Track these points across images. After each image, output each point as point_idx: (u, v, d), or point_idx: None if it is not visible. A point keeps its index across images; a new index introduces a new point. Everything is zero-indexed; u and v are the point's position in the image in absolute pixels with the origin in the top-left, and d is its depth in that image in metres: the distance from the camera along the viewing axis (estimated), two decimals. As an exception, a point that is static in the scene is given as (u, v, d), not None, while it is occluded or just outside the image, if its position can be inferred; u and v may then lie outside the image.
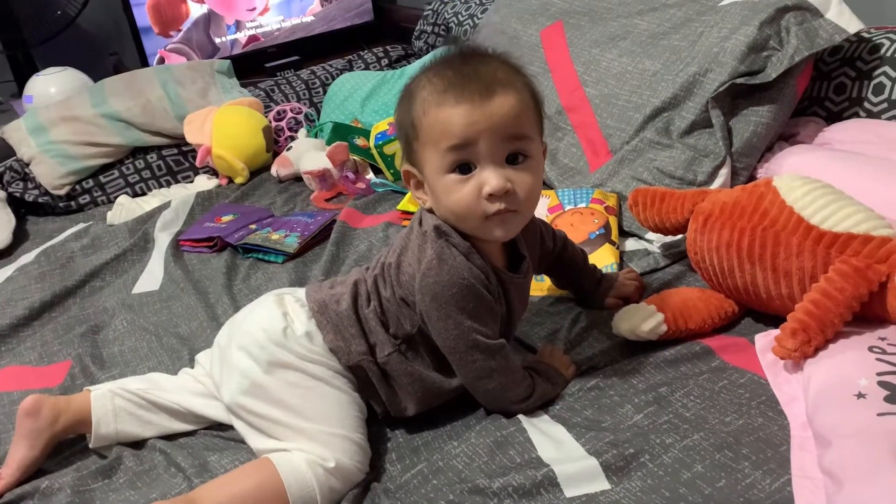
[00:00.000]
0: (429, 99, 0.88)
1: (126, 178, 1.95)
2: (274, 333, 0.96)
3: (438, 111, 0.87)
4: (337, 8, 2.80)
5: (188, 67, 2.13)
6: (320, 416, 0.92)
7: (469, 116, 0.86)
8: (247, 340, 0.96)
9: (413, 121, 0.90)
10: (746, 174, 1.34)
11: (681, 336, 1.06)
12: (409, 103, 0.91)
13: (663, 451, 0.86)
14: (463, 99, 0.86)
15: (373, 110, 2.01)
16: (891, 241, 0.95)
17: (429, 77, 0.89)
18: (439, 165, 0.88)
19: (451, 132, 0.86)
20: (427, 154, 0.89)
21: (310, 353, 0.95)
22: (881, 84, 1.35)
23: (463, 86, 0.86)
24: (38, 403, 0.99)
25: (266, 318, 0.98)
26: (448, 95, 0.86)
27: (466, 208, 0.88)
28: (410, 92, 0.91)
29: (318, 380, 0.94)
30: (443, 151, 0.87)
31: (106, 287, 1.49)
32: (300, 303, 1.00)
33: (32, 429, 0.98)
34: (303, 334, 0.96)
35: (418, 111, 0.89)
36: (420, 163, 0.91)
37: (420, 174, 0.93)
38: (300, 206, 1.75)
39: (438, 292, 0.90)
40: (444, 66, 0.90)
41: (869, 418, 0.79)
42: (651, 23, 1.54)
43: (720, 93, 1.33)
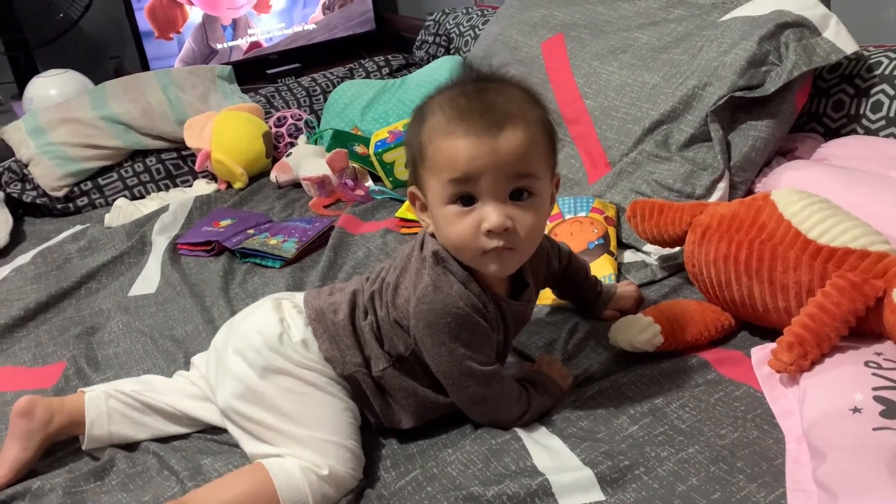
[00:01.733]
0: (437, 126, 0.86)
1: (125, 181, 1.95)
2: (270, 338, 0.95)
3: (444, 140, 0.85)
4: (339, 16, 2.81)
5: (189, 72, 2.14)
6: (314, 423, 0.92)
7: (473, 151, 0.83)
8: (243, 344, 0.96)
9: (420, 145, 0.88)
10: (744, 188, 1.35)
11: (677, 348, 1.06)
12: (418, 126, 0.89)
13: (658, 463, 0.86)
14: (470, 132, 0.83)
15: (373, 118, 2.02)
16: (888, 257, 0.95)
17: (441, 102, 0.87)
18: (440, 195, 0.87)
19: (454, 165, 0.84)
20: (430, 181, 0.88)
21: (305, 360, 0.95)
22: (879, 101, 1.36)
23: (472, 118, 0.84)
24: (32, 404, 0.98)
25: (263, 323, 0.97)
26: (456, 126, 0.84)
27: (464, 242, 0.87)
28: (422, 114, 0.89)
29: (313, 386, 0.94)
30: (445, 182, 0.85)
31: (102, 289, 1.49)
32: (297, 309, 0.99)
33: (26, 430, 0.98)
34: (299, 341, 0.95)
35: (426, 136, 0.87)
36: (424, 187, 0.90)
37: (424, 198, 0.91)
38: (298, 211, 1.75)
39: (433, 320, 0.89)
40: (458, 92, 0.87)
41: (864, 432, 0.80)
42: (651, 36, 1.55)
43: (719, 107, 1.33)
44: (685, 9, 1.56)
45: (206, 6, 2.58)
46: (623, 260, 1.34)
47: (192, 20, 2.58)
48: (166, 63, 2.53)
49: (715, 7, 1.51)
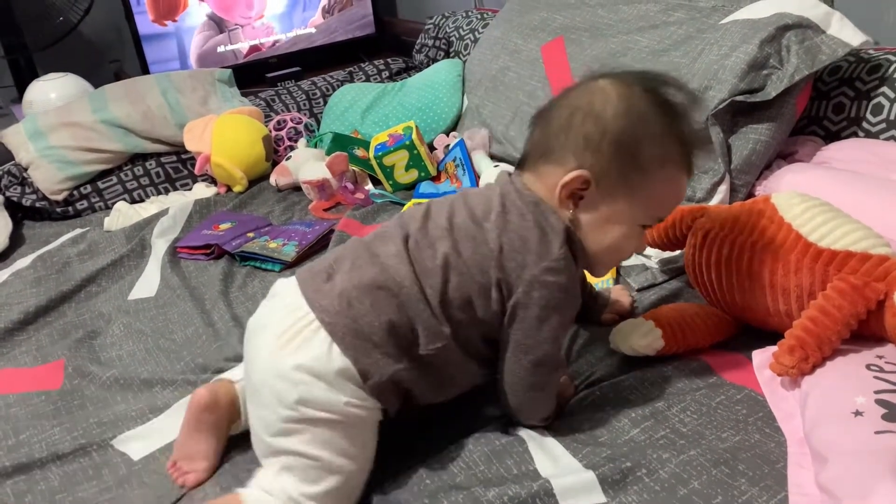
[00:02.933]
0: (683, 155, 0.89)
1: (124, 185, 1.95)
2: (288, 398, 0.83)
3: (682, 177, 0.91)
4: (339, 20, 2.82)
5: (189, 75, 2.14)
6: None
7: (683, 197, 0.94)
8: (267, 400, 0.86)
9: (645, 165, 0.87)
10: (745, 191, 1.35)
11: (678, 352, 1.06)
12: (664, 134, 0.87)
13: (660, 465, 0.85)
14: (688, 178, 0.92)
15: (373, 122, 2.02)
16: (889, 260, 0.95)
17: (676, 133, 0.88)
18: (638, 217, 0.90)
19: (671, 206, 0.93)
20: (637, 201, 0.89)
21: (344, 401, 0.84)
22: (880, 104, 1.36)
23: (693, 164, 0.91)
24: (214, 396, 0.96)
25: (277, 376, 0.85)
26: (690, 165, 0.91)
27: (628, 254, 0.95)
28: (667, 125, 0.88)
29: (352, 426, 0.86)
30: (652, 215, 0.91)
31: (102, 293, 1.49)
32: (307, 321, 0.86)
33: (214, 420, 0.96)
34: (332, 376, 0.84)
35: (655, 165, 0.87)
36: (616, 195, 0.88)
37: (596, 194, 0.88)
38: (298, 215, 1.75)
39: (553, 293, 0.86)
40: (690, 135, 0.90)
41: (866, 436, 0.79)
42: (652, 39, 1.55)
43: (720, 110, 1.33)
44: (685, 12, 1.55)
45: (220, 8, 2.59)
46: (624, 263, 1.34)
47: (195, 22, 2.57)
48: (166, 67, 2.54)
49: (715, 10, 1.51)
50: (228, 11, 2.61)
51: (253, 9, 2.64)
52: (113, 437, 1.06)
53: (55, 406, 1.14)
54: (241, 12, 2.63)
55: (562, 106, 0.91)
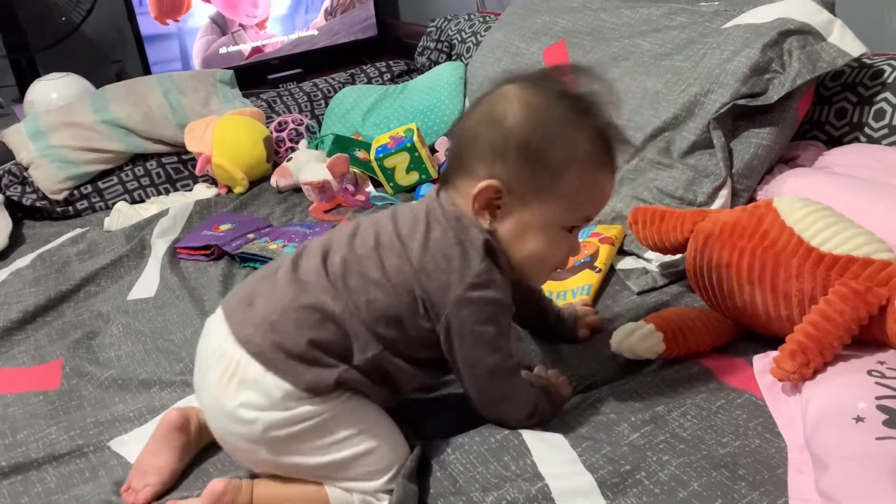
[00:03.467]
0: (590, 160, 0.86)
1: (125, 185, 1.94)
2: (251, 436, 0.85)
3: (600, 173, 0.88)
4: (341, 22, 2.82)
5: (190, 76, 2.14)
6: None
7: (611, 192, 0.91)
8: (227, 443, 0.90)
9: (557, 164, 0.84)
10: (746, 196, 1.34)
11: (679, 355, 1.05)
12: (550, 134, 0.84)
13: (660, 468, 0.85)
14: (613, 172, 0.89)
15: (374, 124, 2.02)
16: (891, 265, 0.95)
17: (585, 127, 0.85)
18: (561, 220, 0.88)
19: (598, 206, 0.90)
20: (555, 203, 0.86)
21: (302, 414, 0.84)
22: (882, 110, 1.36)
23: (615, 158, 0.89)
24: (186, 419, 0.96)
25: (229, 421, 0.86)
26: (610, 159, 0.88)
27: (557, 262, 0.92)
28: (572, 123, 0.85)
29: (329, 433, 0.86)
30: (578, 216, 0.89)
31: (101, 293, 1.49)
32: (239, 356, 0.85)
33: (183, 442, 0.96)
34: (279, 404, 0.83)
35: (569, 163, 0.84)
36: (532, 199, 0.86)
37: (512, 201, 0.86)
38: (299, 216, 1.75)
39: (482, 308, 0.85)
40: (603, 127, 0.86)
41: (867, 442, 0.79)
42: (654, 43, 1.55)
43: (721, 114, 1.33)
44: (688, 16, 1.55)
45: (225, 7, 2.59)
46: (624, 267, 1.33)
47: (197, 23, 2.57)
48: (168, 67, 2.53)
49: (718, 14, 1.51)
50: (234, 10, 2.61)
51: (258, 7, 2.64)
52: (110, 439, 1.06)
53: (53, 406, 1.14)
54: (247, 10, 2.63)
55: (471, 116, 0.90)
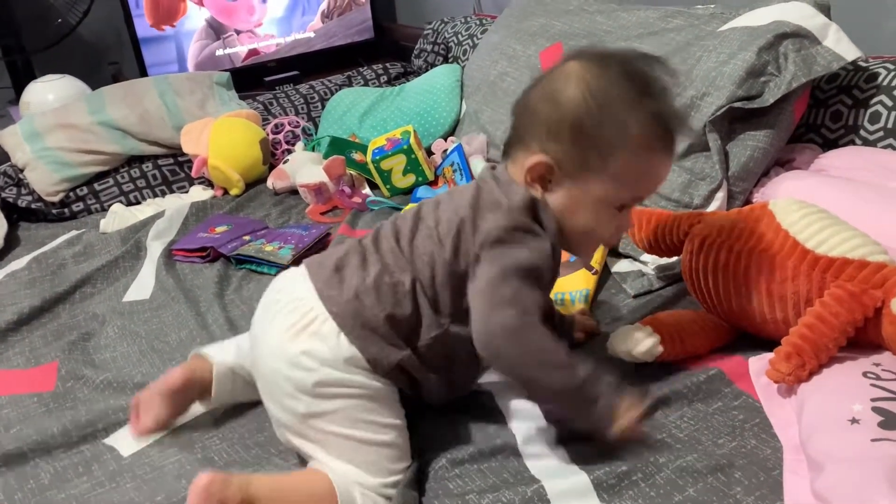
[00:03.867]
0: (644, 140, 0.86)
1: (121, 187, 1.94)
2: (303, 385, 0.87)
3: (653, 157, 0.88)
4: (338, 25, 2.82)
5: (187, 78, 2.13)
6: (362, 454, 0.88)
7: (666, 175, 0.91)
8: (276, 391, 0.90)
9: (611, 143, 0.85)
10: (743, 198, 1.34)
11: (676, 358, 1.05)
12: (607, 114, 0.85)
13: (656, 470, 0.85)
14: (670, 158, 0.89)
15: (371, 126, 2.02)
16: (886, 267, 0.95)
17: (643, 108, 0.85)
18: (613, 199, 0.89)
19: (649, 188, 0.91)
20: (606, 181, 0.87)
21: (355, 382, 0.87)
22: (877, 112, 1.36)
23: (672, 143, 0.89)
24: (189, 380, 1.02)
25: (287, 363, 0.88)
26: (666, 144, 0.88)
27: (606, 238, 0.94)
28: (609, 100, 0.85)
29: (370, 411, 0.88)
30: (630, 196, 0.90)
31: (97, 294, 1.48)
32: (316, 312, 0.88)
33: (179, 399, 1.03)
34: (341, 364, 0.87)
35: (623, 140, 0.85)
36: (583, 176, 0.87)
37: (562, 177, 0.88)
38: (295, 218, 1.74)
39: (507, 232, 0.86)
40: (663, 110, 0.87)
41: (863, 444, 0.79)
42: (650, 46, 1.54)
43: (717, 116, 1.33)
44: (684, 19, 1.56)
45: (221, 14, 2.59)
46: (620, 269, 1.33)
47: (194, 25, 2.57)
48: (165, 69, 2.53)
49: (714, 17, 1.51)
50: (230, 17, 2.61)
51: (254, 14, 2.64)
52: (106, 436, 1.06)
53: (47, 408, 1.13)
54: (242, 17, 2.63)
55: (534, 90, 0.92)
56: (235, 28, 2.64)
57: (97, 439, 1.05)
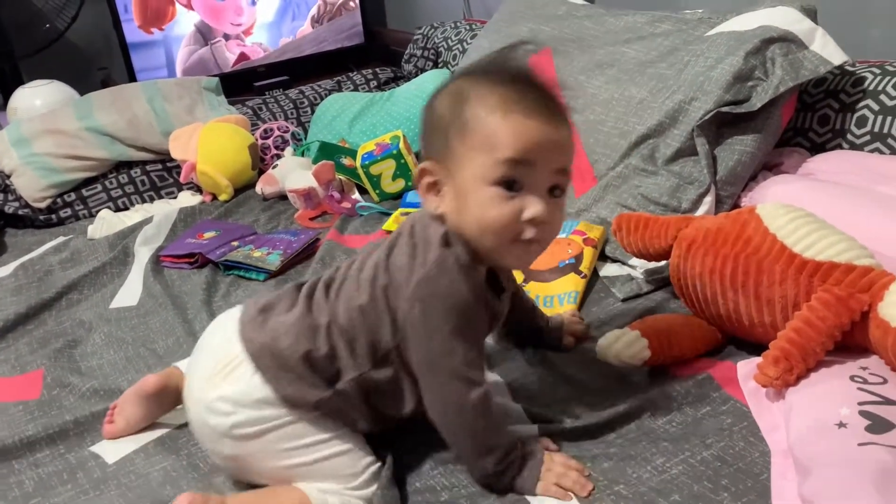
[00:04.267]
0: (494, 102, 0.81)
1: (109, 193, 1.93)
2: (221, 429, 0.87)
3: (506, 117, 0.80)
4: (328, 30, 2.81)
5: (176, 83, 2.13)
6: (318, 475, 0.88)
7: (538, 134, 0.80)
8: (200, 433, 0.92)
9: (466, 119, 0.82)
10: (730, 202, 1.35)
11: (664, 362, 1.05)
12: (461, 99, 0.83)
13: (642, 475, 0.85)
14: (535, 115, 0.80)
15: (360, 131, 2.02)
16: (873, 271, 0.95)
17: (492, 80, 0.82)
18: (485, 174, 0.81)
19: (514, 145, 0.80)
20: (472, 157, 0.81)
21: (271, 422, 0.87)
22: (864, 117, 1.36)
23: (536, 101, 0.81)
24: (164, 386, 1.02)
25: (208, 409, 0.88)
26: (519, 105, 0.80)
27: (501, 226, 0.82)
28: (463, 89, 0.83)
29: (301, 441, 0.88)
30: (496, 162, 0.80)
31: (83, 301, 1.47)
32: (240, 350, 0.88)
33: (154, 406, 1.04)
34: (253, 403, 0.86)
35: (476, 110, 0.81)
36: (454, 164, 0.83)
37: (444, 174, 0.84)
38: (284, 224, 1.74)
39: (433, 304, 0.82)
40: (511, 76, 0.83)
41: (850, 448, 0.79)
42: (638, 51, 1.55)
43: (705, 121, 1.33)
44: (672, 23, 1.56)
45: (209, 16, 2.58)
46: (608, 274, 1.33)
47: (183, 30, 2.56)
48: (154, 74, 2.52)
49: (701, 22, 1.52)
50: (217, 19, 2.60)
51: (242, 15, 2.63)
52: (91, 444, 1.05)
53: (32, 416, 1.12)
54: (230, 19, 2.62)
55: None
56: (224, 32, 2.63)
57: (82, 447, 1.05)
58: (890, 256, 1.02)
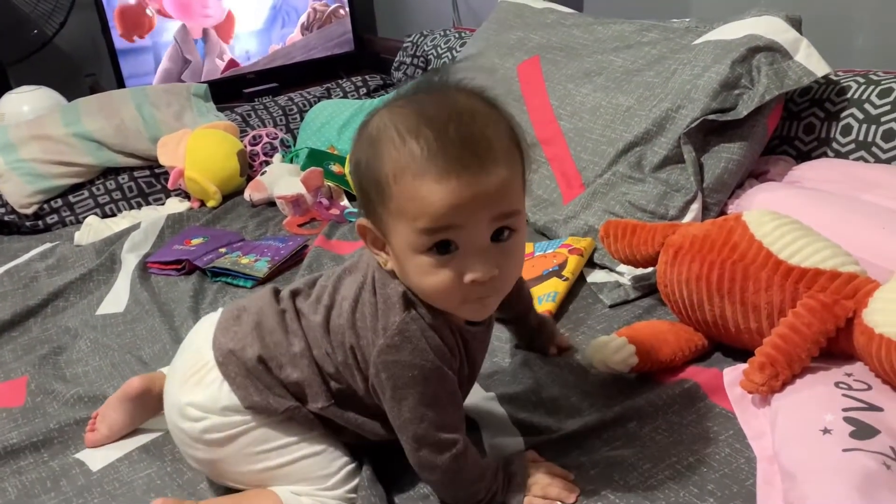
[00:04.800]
0: (403, 163, 0.71)
1: (96, 199, 1.92)
2: (193, 433, 0.88)
3: (417, 184, 0.70)
4: (318, 37, 2.82)
5: (164, 90, 2.12)
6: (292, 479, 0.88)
7: (456, 197, 0.70)
8: (176, 437, 0.92)
9: (380, 181, 0.73)
10: (717, 210, 1.35)
11: (651, 368, 1.05)
12: (373, 153, 0.74)
13: (628, 483, 0.85)
14: (449, 174, 0.70)
15: (349, 138, 2.02)
16: (858, 278, 0.96)
17: (400, 129, 0.72)
18: (412, 243, 0.73)
19: (431, 213, 0.71)
20: (396, 226, 0.74)
21: (240, 429, 0.87)
22: (849, 125, 1.37)
23: (449, 155, 0.70)
24: (147, 388, 1.02)
25: (182, 411, 0.89)
26: (430, 166, 0.70)
27: (443, 294, 0.76)
28: (374, 139, 0.74)
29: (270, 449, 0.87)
30: (418, 231, 0.72)
31: (69, 307, 1.46)
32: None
33: (138, 409, 1.04)
34: (220, 411, 0.86)
35: (387, 172, 0.72)
36: (384, 229, 0.77)
37: (380, 235, 0.78)
38: (272, 230, 1.73)
39: (397, 373, 0.79)
40: (423, 119, 0.72)
41: (834, 454, 0.79)
42: (626, 59, 1.56)
43: (692, 129, 1.34)
44: (659, 32, 1.57)
45: (179, 12, 2.57)
46: (596, 280, 1.34)
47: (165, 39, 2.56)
48: (142, 81, 2.51)
49: (689, 31, 1.53)
50: (188, 14, 2.58)
51: (209, 7, 2.61)
52: (75, 451, 1.04)
53: (16, 423, 1.11)
54: (199, 12, 2.60)
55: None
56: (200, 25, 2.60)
57: (66, 454, 1.04)
58: (874, 263, 1.03)
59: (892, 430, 0.82)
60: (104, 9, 2.42)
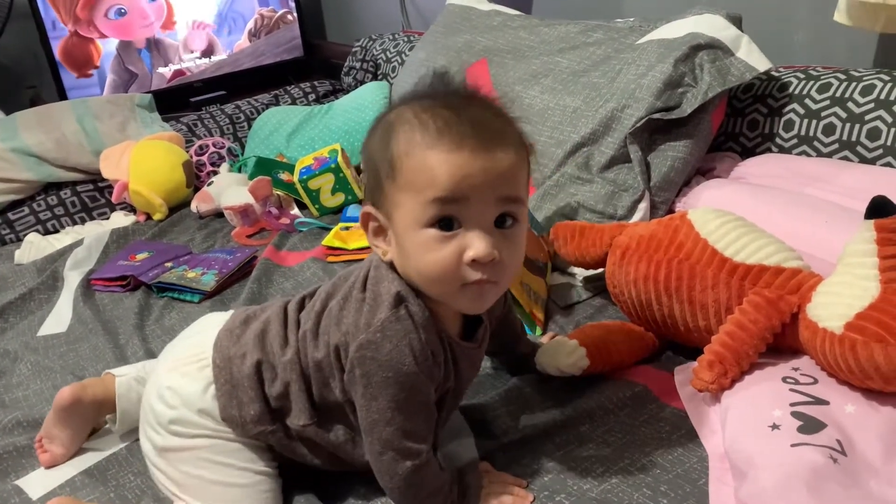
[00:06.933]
0: (417, 138, 0.74)
1: (37, 215, 1.86)
2: (164, 417, 0.88)
3: (428, 154, 0.73)
4: (266, 43, 2.78)
5: (107, 101, 2.08)
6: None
7: (465, 168, 0.72)
8: (147, 415, 0.91)
9: (392, 158, 0.75)
10: (665, 208, 1.36)
11: (603, 370, 1.05)
12: (387, 136, 0.77)
13: (580, 493, 0.84)
14: (461, 147, 0.72)
15: (298, 145, 1.99)
16: (801, 273, 0.97)
17: (417, 111, 0.76)
18: (417, 217, 0.74)
19: (440, 182, 0.72)
20: (403, 200, 0.75)
21: (207, 432, 0.88)
22: (791, 121, 1.39)
23: (462, 131, 0.73)
24: (78, 396, 1.00)
25: (162, 394, 0.89)
26: (443, 139, 0.73)
27: (442, 272, 0.75)
28: (390, 124, 0.77)
29: (220, 464, 0.87)
30: (425, 202, 0.73)
31: (9, 329, 1.42)
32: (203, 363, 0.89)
33: (78, 420, 1.02)
34: (195, 411, 0.87)
35: (400, 148, 0.75)
36: (389, 207, 0.77)
37: (385, 220, 0.79)
38: (221, 242, 1.70)
39: (372, 371, 0.77)
40: (439, 103, 0.76)
41: (783, 449, 0.79)
42: (572, 61, 1.56)
43: (638, 128, 1.35)
44: (604, 32, 1.58)
45: (120, 33, 2.51)
46: (552, 282, 1.33)
47: (108, 51, 2.50)
48: (85, 92, 2.45)
49: (632, 30, 1.54)
50: (128, 32, 2.52)
51: (147, 17, 2.56)
52: (15, 478, 1.01)
53: (-47, 452, 1.07)
54: (139, 24, 2.55)
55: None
56: (139, 37, 2.55)
57: (6, 481, 1.00)
58: (818, 257, 1.04)
59: (837, 423, 0.83)
60: (42, 19, 2.35)
